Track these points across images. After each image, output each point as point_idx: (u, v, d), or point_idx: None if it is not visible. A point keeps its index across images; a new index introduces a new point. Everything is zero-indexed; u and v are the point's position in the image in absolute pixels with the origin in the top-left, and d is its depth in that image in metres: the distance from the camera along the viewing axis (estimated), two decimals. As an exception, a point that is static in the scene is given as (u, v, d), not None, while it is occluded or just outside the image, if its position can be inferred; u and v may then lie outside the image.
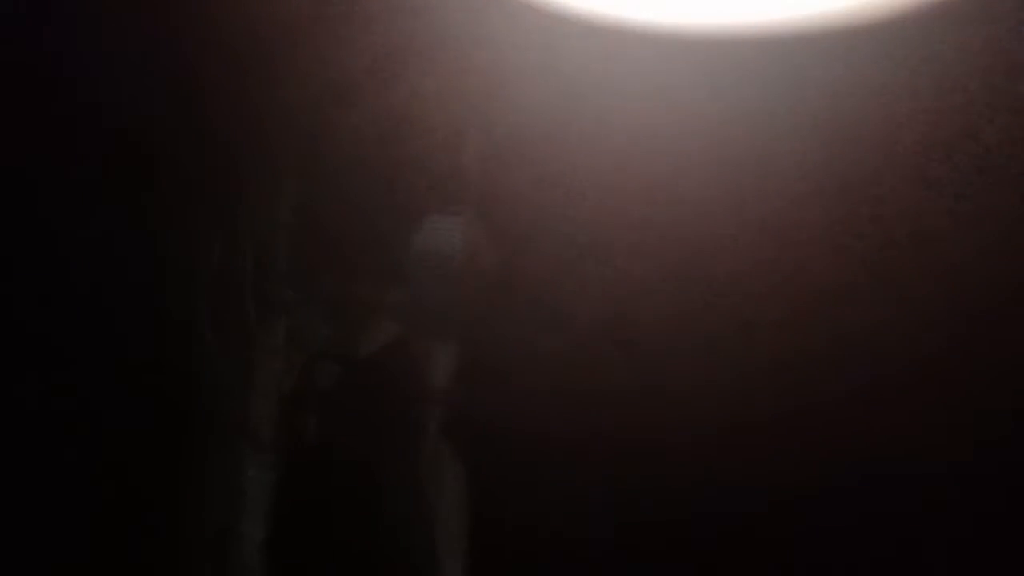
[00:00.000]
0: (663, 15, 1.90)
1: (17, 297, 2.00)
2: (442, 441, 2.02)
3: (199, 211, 2.02)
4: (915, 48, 1.92)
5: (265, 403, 2.02)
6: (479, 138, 2.03)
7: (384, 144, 2.02)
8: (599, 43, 1.97)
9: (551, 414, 2.00)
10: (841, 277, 1.96)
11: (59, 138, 2.02)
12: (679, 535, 1.99)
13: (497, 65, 1.99)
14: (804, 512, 1.93)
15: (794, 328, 1.95)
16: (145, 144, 1.99)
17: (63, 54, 2.00)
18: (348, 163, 2.03)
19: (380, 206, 2.01)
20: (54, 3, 2.01)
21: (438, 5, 1.99)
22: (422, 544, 1.99)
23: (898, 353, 1.94)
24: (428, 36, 2.00)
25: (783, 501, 1.94)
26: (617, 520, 1.99)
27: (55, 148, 2.01)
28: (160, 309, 2.01)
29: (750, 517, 1.97)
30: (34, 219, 2.01)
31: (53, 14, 2.00)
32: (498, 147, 2.02)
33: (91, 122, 2.00)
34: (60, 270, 2.01)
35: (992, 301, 1.94)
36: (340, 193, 2.02)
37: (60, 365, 2.00)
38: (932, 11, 1.90)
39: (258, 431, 2.02)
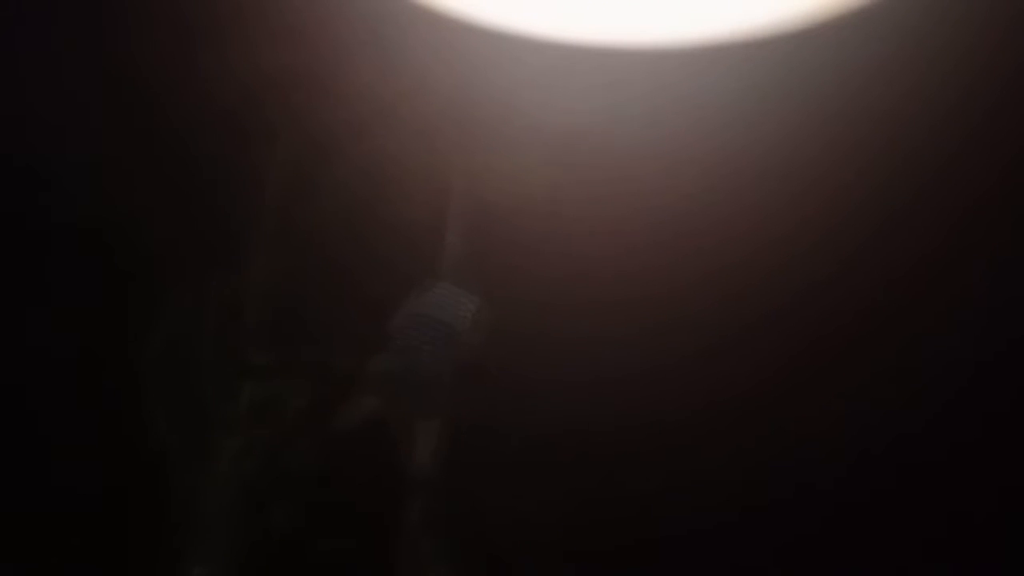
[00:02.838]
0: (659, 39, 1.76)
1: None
2: (424, 536, 1.77)
3: (157, 274, 1.77)
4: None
5: (220, 488, 1.73)
6: (463, 198, 1.84)
7: (365, 205, 1.80)
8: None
9: (539, 503, 1.79)
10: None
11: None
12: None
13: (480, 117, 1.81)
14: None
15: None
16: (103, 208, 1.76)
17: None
18: (328, 223, 1.81)
19: (363, 270, 1.79)
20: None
21: (415, 63, 1.81)
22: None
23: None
24: (407, 91, 1.82)
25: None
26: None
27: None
28: (100, 377, 1.73)
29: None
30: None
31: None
32: (483, 208, 1.84)
33: (49, 181, 1.76)
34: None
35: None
36: (320, 255, 1.79)
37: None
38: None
39: (210, 523, 1.73)
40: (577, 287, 1.83)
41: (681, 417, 1.82)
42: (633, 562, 1.79)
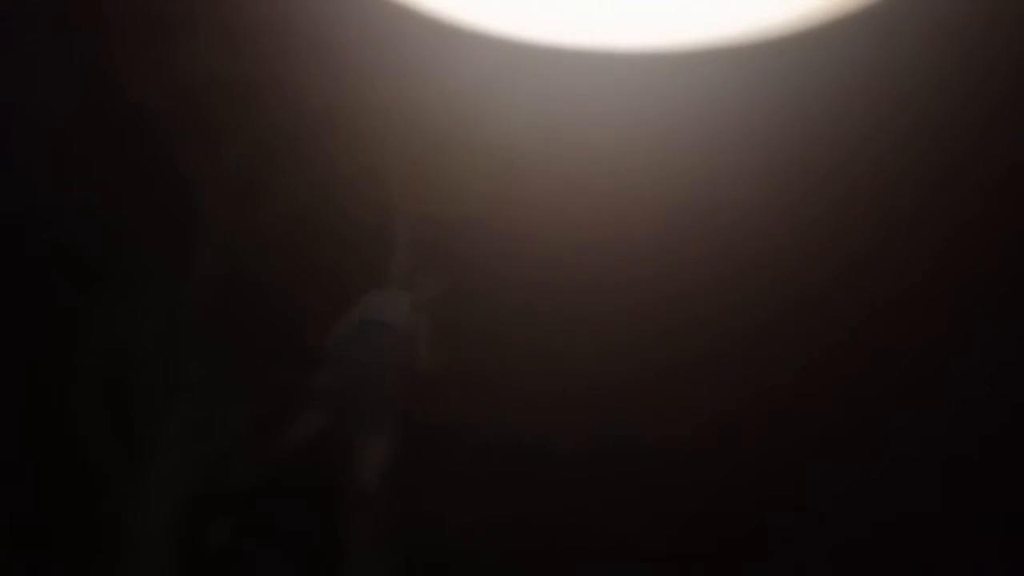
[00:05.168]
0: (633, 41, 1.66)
1: None
2: (371, 554, 1.72)
3: (93, 283, 1.68)
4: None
5: (158, 504, 1.67)
6: (410, 211, 1.75)
7: (310, 214, 1.71)
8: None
9: (483, 530, 1.75)
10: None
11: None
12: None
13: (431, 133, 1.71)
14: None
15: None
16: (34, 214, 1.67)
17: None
18: (271, 233, 1.72)
19: (308, 281, 1.70)
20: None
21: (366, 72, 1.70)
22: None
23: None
24: (358, 103, 1.71)
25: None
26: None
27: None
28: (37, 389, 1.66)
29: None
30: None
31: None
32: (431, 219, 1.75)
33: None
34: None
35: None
36: (263, 266, 1.70)
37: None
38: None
39: (148, 539, 1.67)
40: (544, 296, 1.77)
41: (667, 433, 1.80)
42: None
